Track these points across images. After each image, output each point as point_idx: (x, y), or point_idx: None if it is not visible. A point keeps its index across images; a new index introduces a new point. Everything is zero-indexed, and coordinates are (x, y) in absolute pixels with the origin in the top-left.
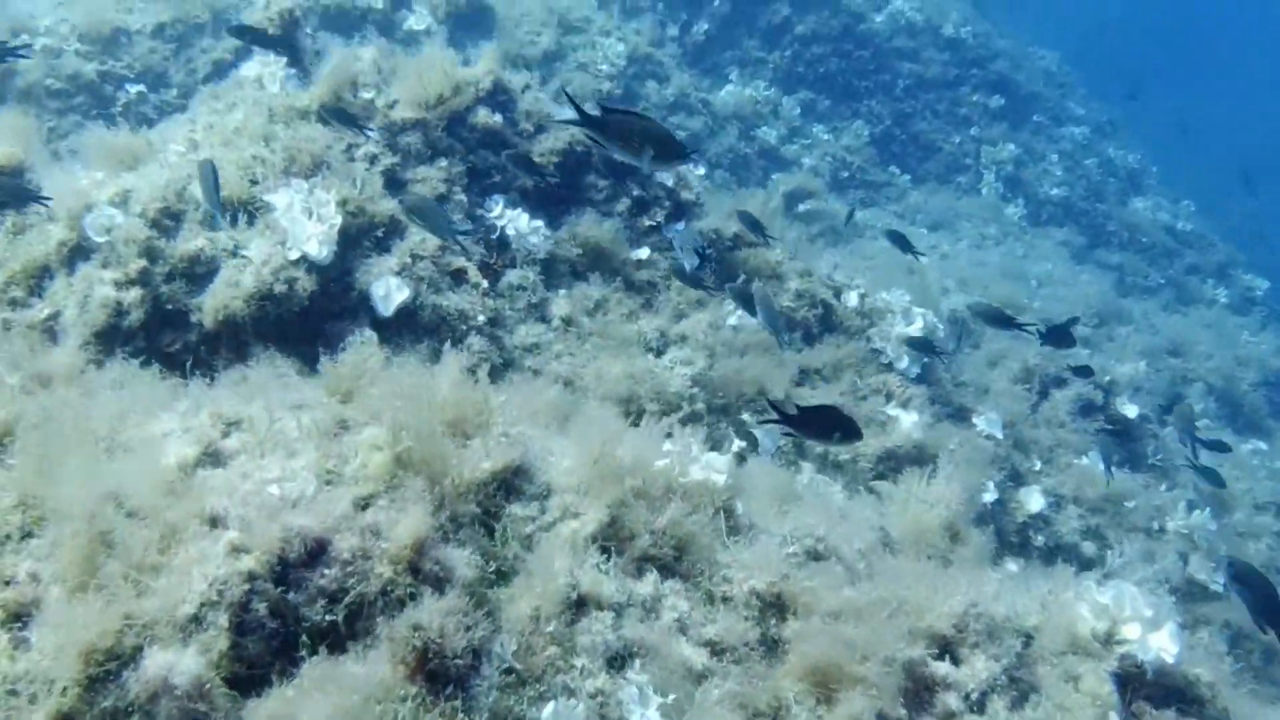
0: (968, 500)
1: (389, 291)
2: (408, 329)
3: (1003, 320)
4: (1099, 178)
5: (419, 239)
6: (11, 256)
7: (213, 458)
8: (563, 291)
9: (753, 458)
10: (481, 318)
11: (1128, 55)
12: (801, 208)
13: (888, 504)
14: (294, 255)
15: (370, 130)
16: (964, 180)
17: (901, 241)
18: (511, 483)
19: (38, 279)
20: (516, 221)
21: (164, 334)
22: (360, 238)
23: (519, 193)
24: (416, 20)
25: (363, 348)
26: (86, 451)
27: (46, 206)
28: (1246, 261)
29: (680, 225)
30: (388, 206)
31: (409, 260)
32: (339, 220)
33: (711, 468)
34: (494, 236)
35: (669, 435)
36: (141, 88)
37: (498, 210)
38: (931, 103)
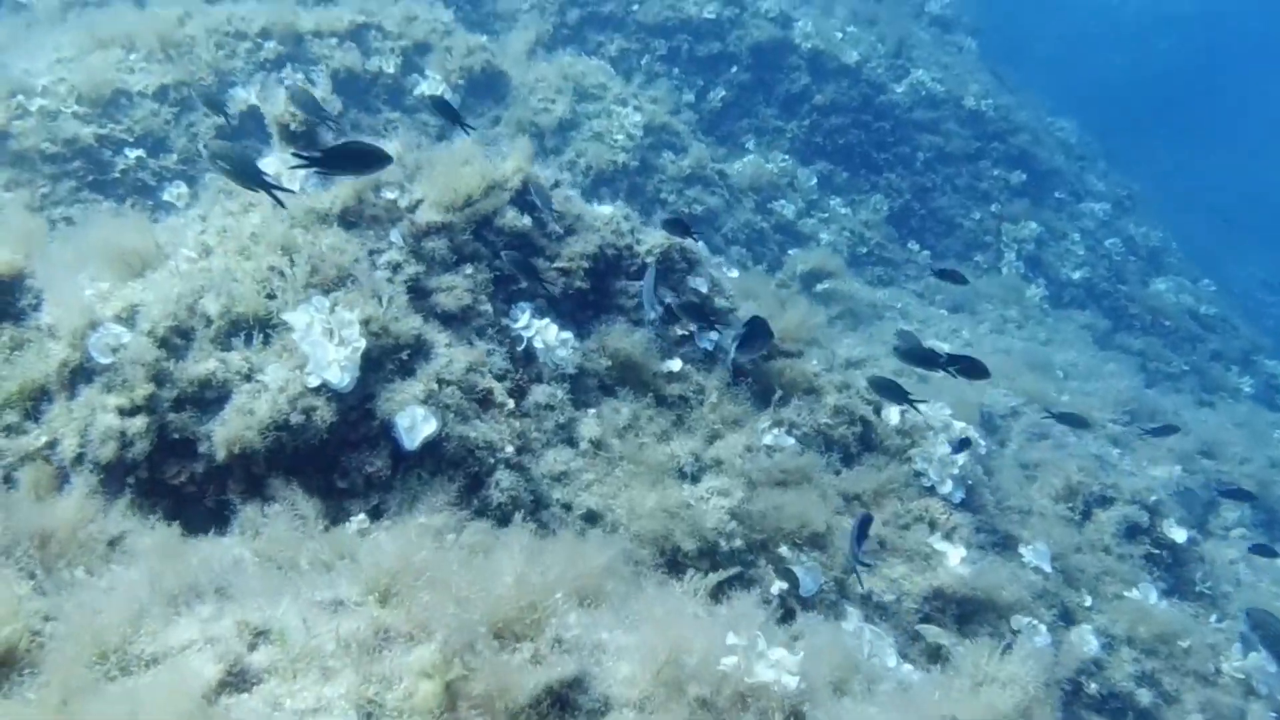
0: (1046, 677)
1: (414, 423)
2: (430, 460)
3: (927, 360)
4: (1120, 258)
5: (445, 361)
6: (8, 376)
7: (239, 679)
8: (591, 411)
9: (803, 617)
10: (509, 448)
11: (1137, 111)
12: (820, 287)
13: (953, 676)
14: (313, 382)
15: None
16: (983, 259)
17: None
18: (566, 697)
19: (35, 402)
20: (544, 333)
21: (169, 464)
22: (383, 360)
23: (546, 300)
24: (428, 86)
25: (405, 530)
26: (100, 678)
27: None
28: (1271, 347)
29: (713, 334)
30: (413, 325)
31: (435, 386)
32: (362, 343)
33: (782, 668)
34: (520, 349)
35: (716, 606)
36: (141, 153)
37: (524, 320)
38: (951, 176)
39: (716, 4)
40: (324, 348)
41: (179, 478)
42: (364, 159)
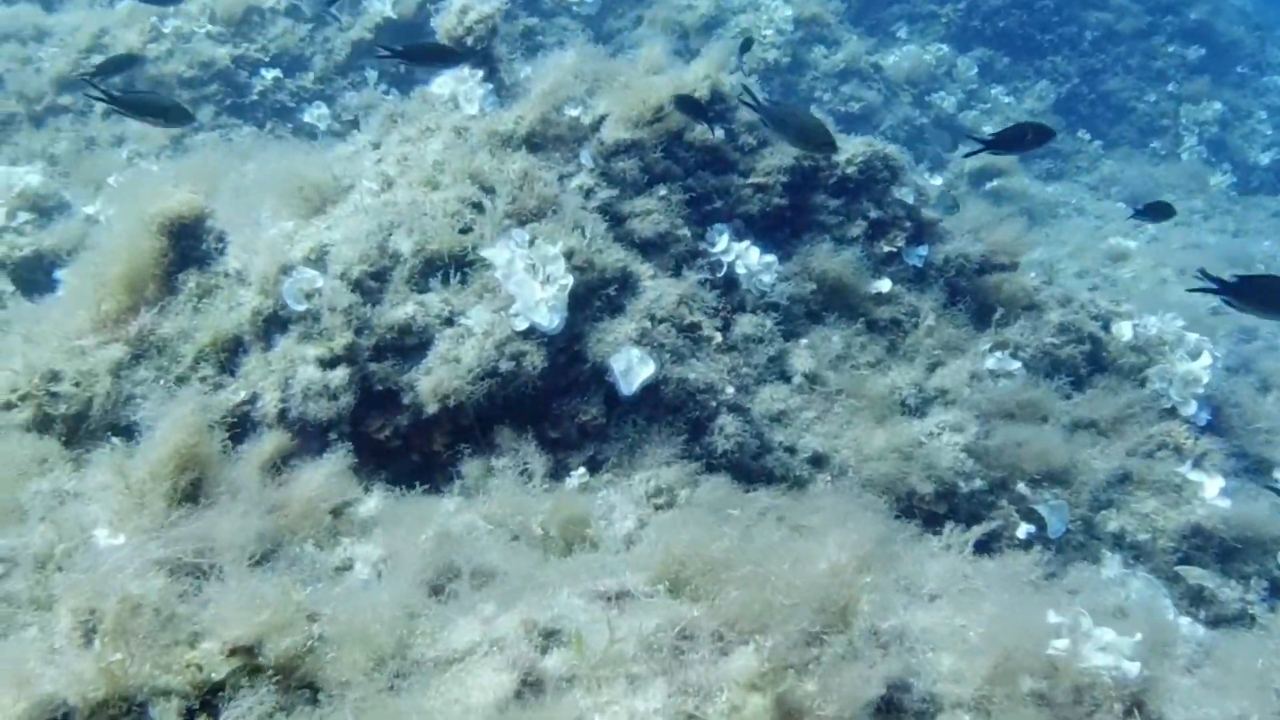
0: None
1: (630, 366)
2: (646, 405)
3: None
4: None
5: (654, 295)
6: (200, 327)
7: (535, 689)
8: (803, 341)
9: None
10: (730, 390)
11: None
12: (989, 185)
13: (1264, 636)
14: (521, 325)
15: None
16: (1160, 145)
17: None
18: (892, 699)
19: (230, 353)
20: (746, 257)
21: (371, 417)
22: (589, 297)
23: (743, 220)
24: None
25: (694, 516)
26: (383, 690)
27: None
28: None
29: (922, 249)
30: (617, 257)
31: (647, 324)
32: (569, 280)
33: (1116, 651)
34: (719, 275)
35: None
36: (277, 73)
37: (723, 243)
38: (1122, 56)
39: None
40: (529, 286)
41: (383, 432)
42: (443, 55)
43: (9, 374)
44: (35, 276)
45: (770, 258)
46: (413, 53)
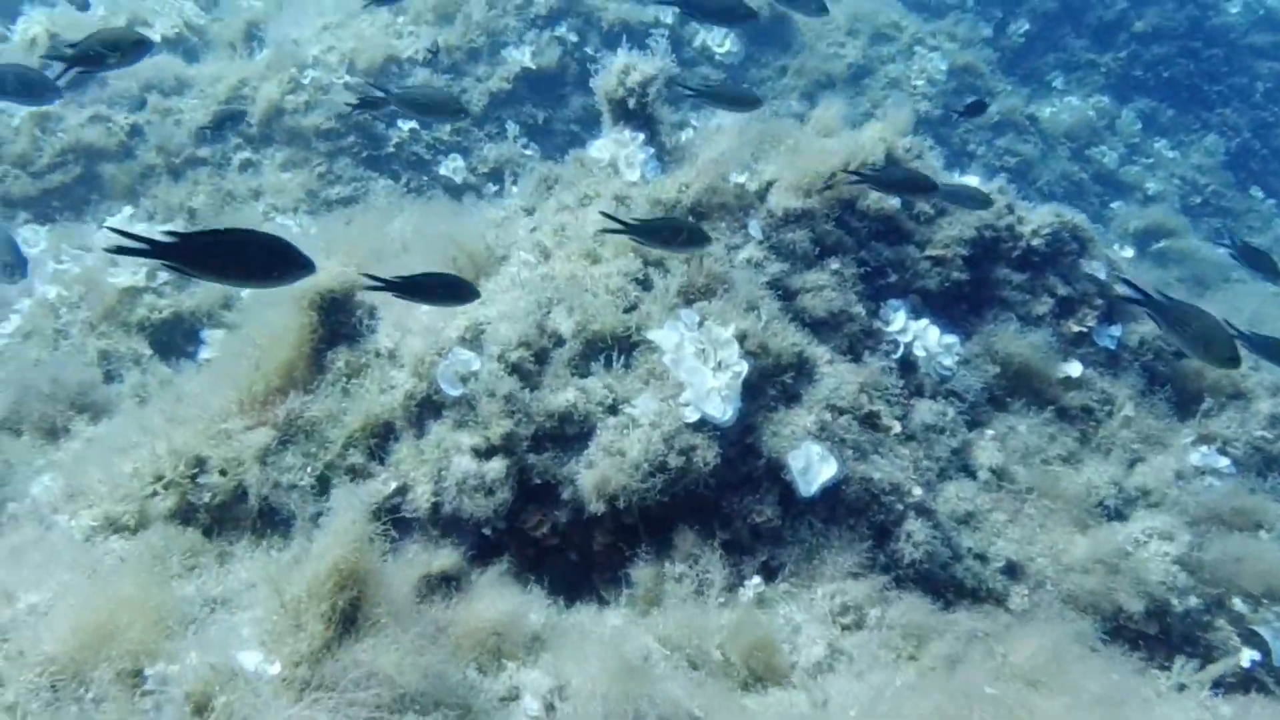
0: None
1: (809, 464)
2: (824, 505)
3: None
4: None
5: (834, 384)
6: (349, 410)
7: None
8: (989, 432)
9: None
10: (917, 490)
11: None
12: (1156, 247)
13: None
14: (692, 416)
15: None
16: None
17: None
18: None
19: (380, 439)
20: (924, 337)
21: (528, 512)
22: (764, 385)
23: (919, 295)
24: (712, 38)
25: (925, 686)
26: None
27: None
28: None
29: (1115, 329)
30: (793, 340)
31: (827, 416)
32: (744, 367)
33: None
34: (895, 357)
35: None
36: (414, 124)
37: (899, 322)
38: None
39: None
40: (701, 373)
41: (540, 529)
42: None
43: (153, 459)
44: (174, 339)
45: (951, 338)
46: (406, 100)
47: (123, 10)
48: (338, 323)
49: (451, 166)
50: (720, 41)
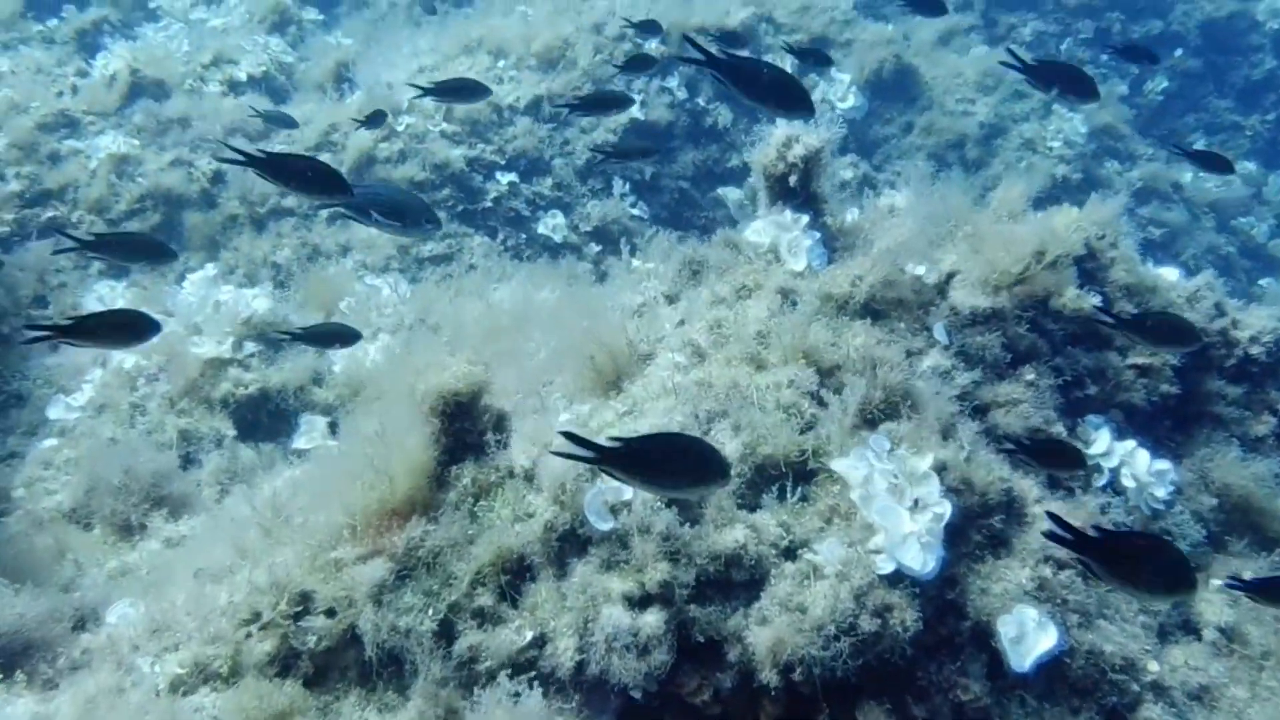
0: None
1: (1024, 631)
2: (1039, 681)
3: None
4: None
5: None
6: (478, 539)
7: None
8: (1213, 583)
9: None
10: (1154, 665)
11: None
12: None
13: None
14: (886, 567)
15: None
16: None
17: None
18: None
19: (514, 576)
20: (1133, 463)
21: (684, 673)
22: (967, 528)
23: (1122, 410)
24: (836, 91)
25: None
26: None
27: None
28: None
29: None
30: (999, 473)
31: (1045, 571)
32: (947, 508)
33: None
34: (1100, 485)
35: None
36: (513, 177)
37: (1102, 443)
38: None
39: None
40: (896, 515)
41: (699, 695)
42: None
43: (250, 592)
44: (259, 418)
45: (1164, 464)
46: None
47: (208, 49)
48: (462, 430)
49: (551, 224)
50: (842, 95)
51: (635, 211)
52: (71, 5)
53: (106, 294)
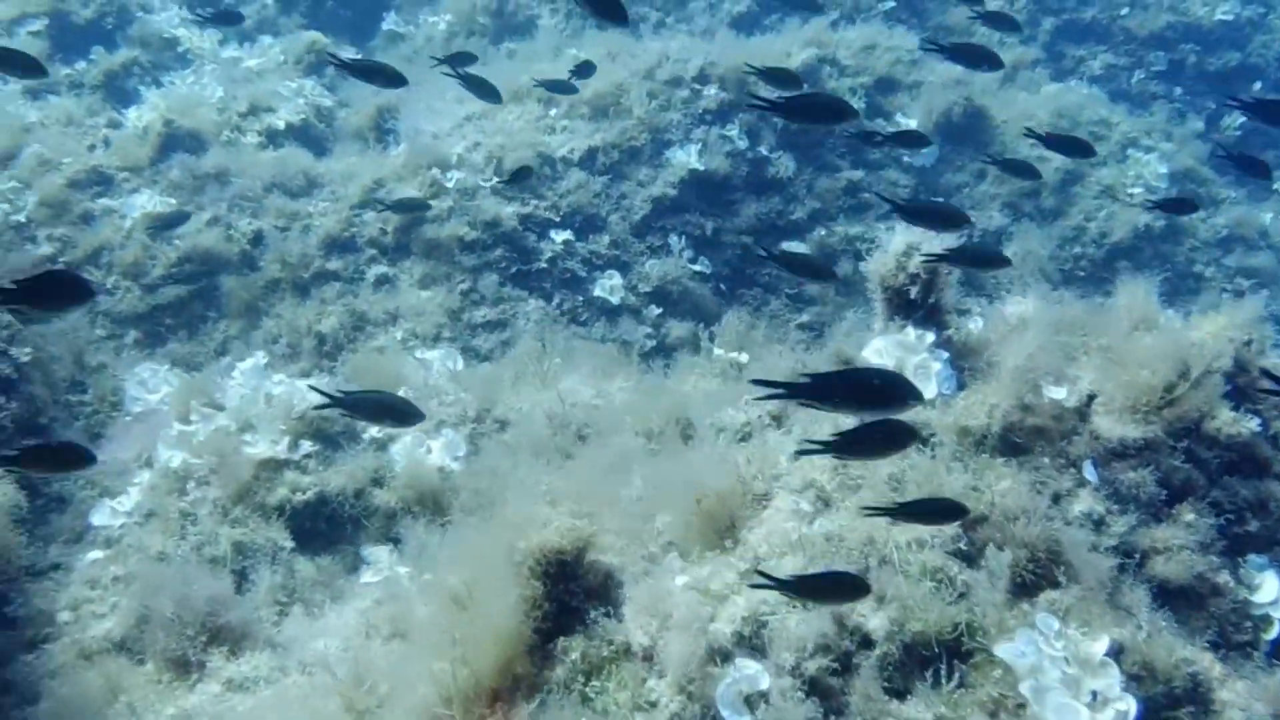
0: None
1: None
2: None
3: None
4: None
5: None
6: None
7: None
8: None
9: None
10: None
11: None
12: None
13: None
14: None
15: None
16: None
17: None
18: None
19: None
20: None
21: None
22: None
23: None
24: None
25: None
26: None
27: None
28: None
29: None
30: (1182, 654)
31: None
32: (1131, 706)
33: None
34: (1270, 639)
35: None
36: (568, 235)
37: (1270, 590)
38: None
39: (1234, 2)
40: (1074, 714)
41: None
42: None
43: None
44: (316, 525)
45: None
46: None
47: (243, 97)
48: (567, 593)
49: (608, 285)
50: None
51: (697, 267)
52: (100, 46)
53: (149, 377)
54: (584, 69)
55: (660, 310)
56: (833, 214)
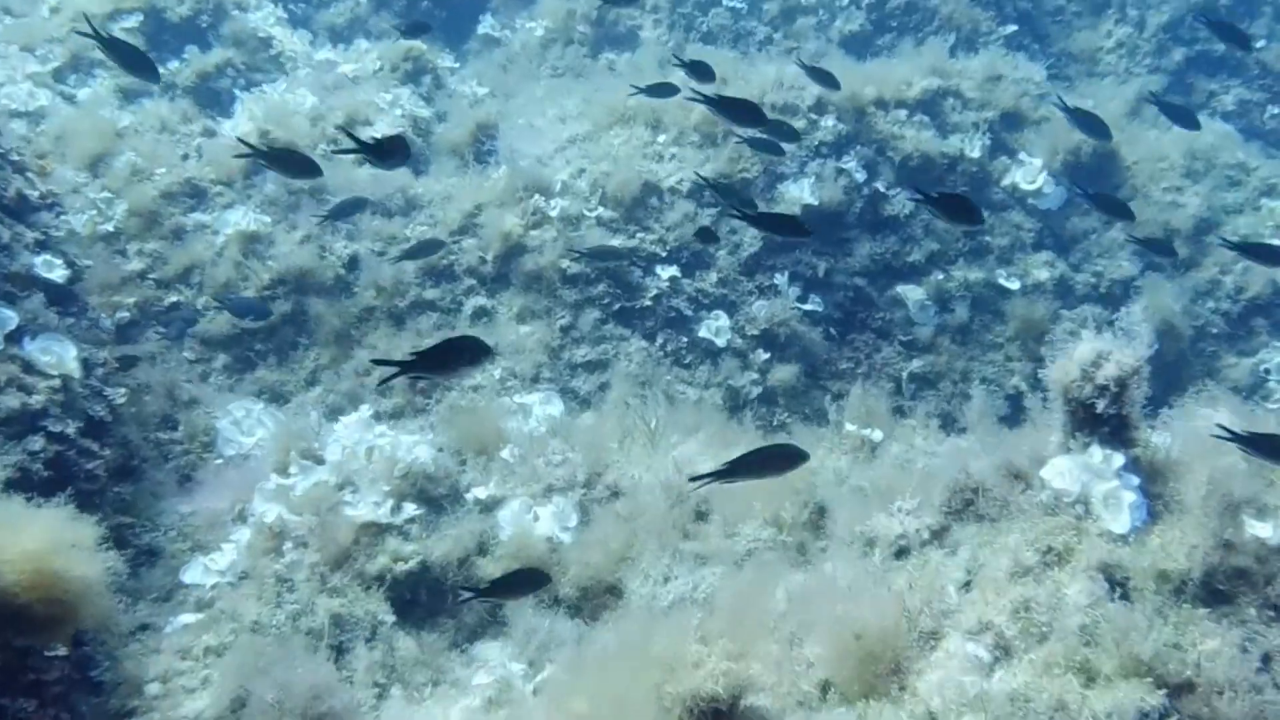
0: None
1: None
2: None
3: None
4: None
5: None
6: None
7: None
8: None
9: None
10: None
11: None
12: None
13: None
14: None
15: None
16: None
17: None
18: None
19: None
20: None
21: None
22: None
23: None
24: (1024, 176)
25: None
26: None
27: None
28: None
29: None
30: None
31: None
32: None
33: None
34: None
35: None
36: (675, 271)
37: None
38: None
39: None
40: None
41: None
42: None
43: None
44: (418, 595)
45: None
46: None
47: (339, 107)
48: None
49: (714, 327)
50: (1032, 178)
51: (807, 306)
52: (194, 46)
53: (243, 418)
54: (699, 69)
55: (769, 355)
56: (951, 257)
